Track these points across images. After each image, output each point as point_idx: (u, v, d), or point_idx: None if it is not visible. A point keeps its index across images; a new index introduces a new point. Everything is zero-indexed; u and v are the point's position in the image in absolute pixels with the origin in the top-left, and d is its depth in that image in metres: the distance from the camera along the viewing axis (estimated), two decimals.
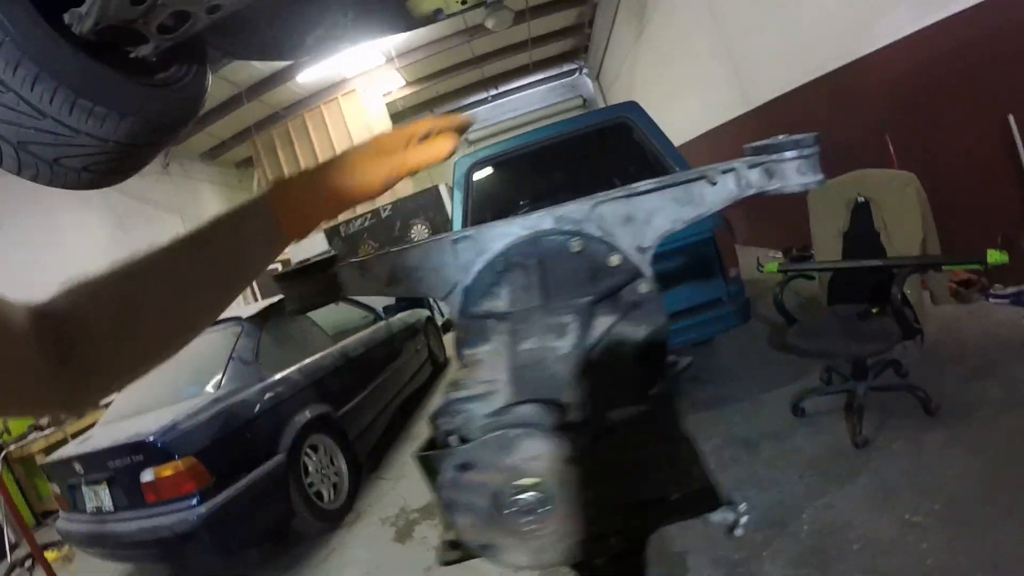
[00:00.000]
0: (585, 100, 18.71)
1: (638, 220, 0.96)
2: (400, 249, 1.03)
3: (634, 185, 0.97)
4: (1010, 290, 4.51)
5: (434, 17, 2.07)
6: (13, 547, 6.03)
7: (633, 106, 4.87)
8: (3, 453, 6.61)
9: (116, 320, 0.65)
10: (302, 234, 0.82)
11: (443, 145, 0.88)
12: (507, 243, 0.96)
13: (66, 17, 1.18)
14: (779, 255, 7.80)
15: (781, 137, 0.89)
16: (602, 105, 17.74)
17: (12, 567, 5.91)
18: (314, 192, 0.81)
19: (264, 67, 11.11)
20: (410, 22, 2.08)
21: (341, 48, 2.07)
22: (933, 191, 3.72)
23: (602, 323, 0.94)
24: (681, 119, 9.96)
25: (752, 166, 0.91)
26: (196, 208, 13.75)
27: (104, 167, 1.41)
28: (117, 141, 1.32)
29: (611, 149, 5.25)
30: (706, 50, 8.80)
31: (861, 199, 3.91)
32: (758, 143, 0.91)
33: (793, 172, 0.88)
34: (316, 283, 1.10)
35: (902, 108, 5.05)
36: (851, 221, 3.99)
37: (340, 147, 13.33)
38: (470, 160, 5.04)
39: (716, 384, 4.74)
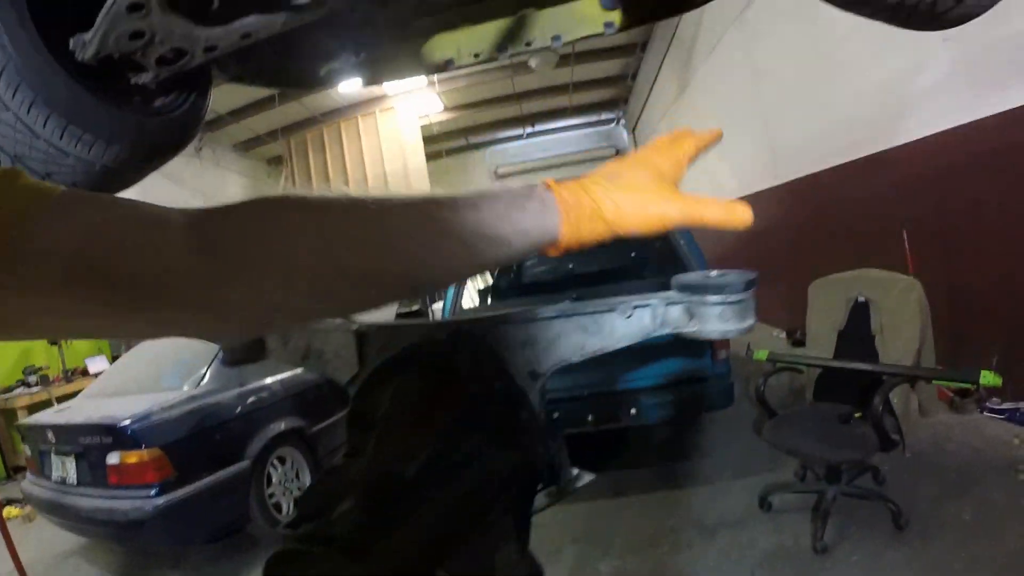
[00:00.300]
0: (617, 151, 18.64)
1: (538, 345, 0.93)
2: (312, 330, 1.09)
3: (540, 309, 0.95)
4: (1006, 405, 4.44)
5: (444, 67, 2.11)
6: None
7: None
8: None
9: (309, 257, 0.54)
10: (572, 245, 0.68)
11: (743, 213, 0.74)
12: (402, 345, 0.98)
13: (71, 42, 1.25)
14: (783, 335, 7.78)
15: (714, 274, 0.84)
16: None
17: None
18: (602, 209, 0.68)
19: None
20: (422, 68, 2.14)
21: (356, 81, 2.14)
22: (943, 295, 3.65)
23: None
24: (710, 184, 10.00)
25: (671, 303, 0.86)
26: (220, 195, 13.93)
27: (88, 185, 1.47)
28: (104, 165, 1.39)
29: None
30: (744, 117, 8.84)
31: (861, 299, 3.87)
32: (686, 278, 0.86)
33: (714, 318, 0.82)
34: (246, 343, 1.18)
35: (925, 206, 5.00)
36: (848, 319, 3.95)
37: (370, 160, 13.53)
38: None
39: (689, 461, 4.69)
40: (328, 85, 2.07)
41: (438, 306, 12.33)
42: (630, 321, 0.89)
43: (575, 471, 1.12)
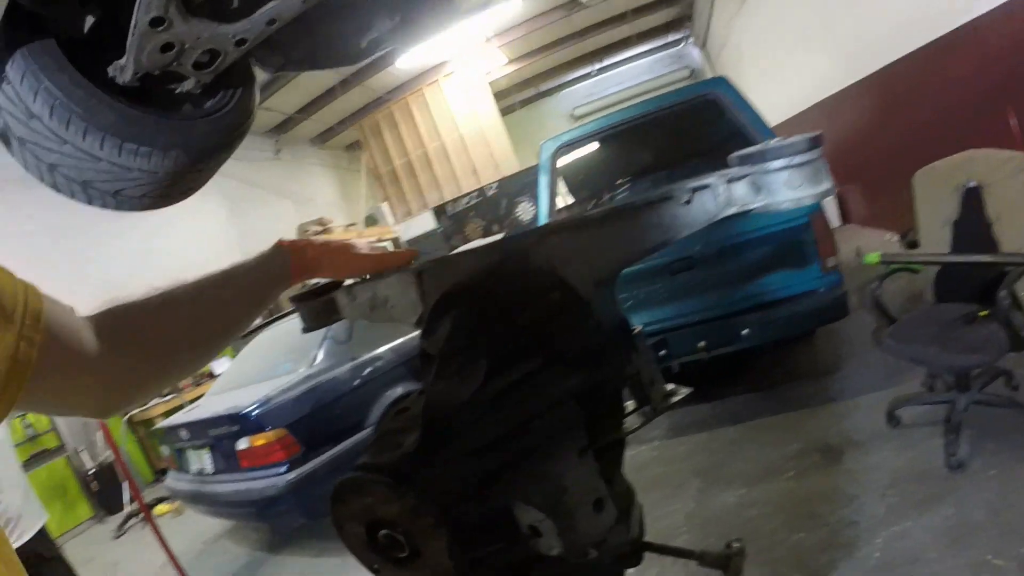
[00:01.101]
0: (693, 71, 18.11)
1: (594, 249, 0.87)
2: (378, 279, 1.17)
3: (587, 213, 0.92)
4: None
5: None
6: (131, 500, 6.85)
7: (721, 81, 4.68)
8: (127, 416, 7.37)
9: (151, 340, 0.81)
10: (300, 279, 1.13)
11: (401, 257, 1.23)
12: (461, 274, 1.02)
13: (109, 71, 1.38)
14: (895, 238, 7.37)
15: (773, 142, 0.77)
16: (710, 74, 17.14)
17: (128, 517, 6.88)
18: (320, 259, 1.15)
19: None
20: (457, 10, 2.14)
21: (400, 47, 2.19)
22: None
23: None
24: (786, 91, 9.54)
25: (732, 180, 0.79)
26: (306, 191, 14.47)
27: (160, 192, 1.61)
28: (167, 171, 1.52)
29: (701, 127, 5.08)
30: (811, 16, 8.31)
31: (972, 184, 3.48)
32: (745, 151, 0.80)
33: (782, 186, 0.75)
34: (318, 305, 1.29)
35: None
36: (961, 208, 3.55)
37: (444, 128, 13.63)
38: (554, 144, 4.93)
39: (807, 381, 4.44)
40: (373, 55, 2.08)
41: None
42: (690, 207, 0.83)
43: (670, 386, 1.07)
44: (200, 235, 10.89)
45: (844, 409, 3.89)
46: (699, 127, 5.13)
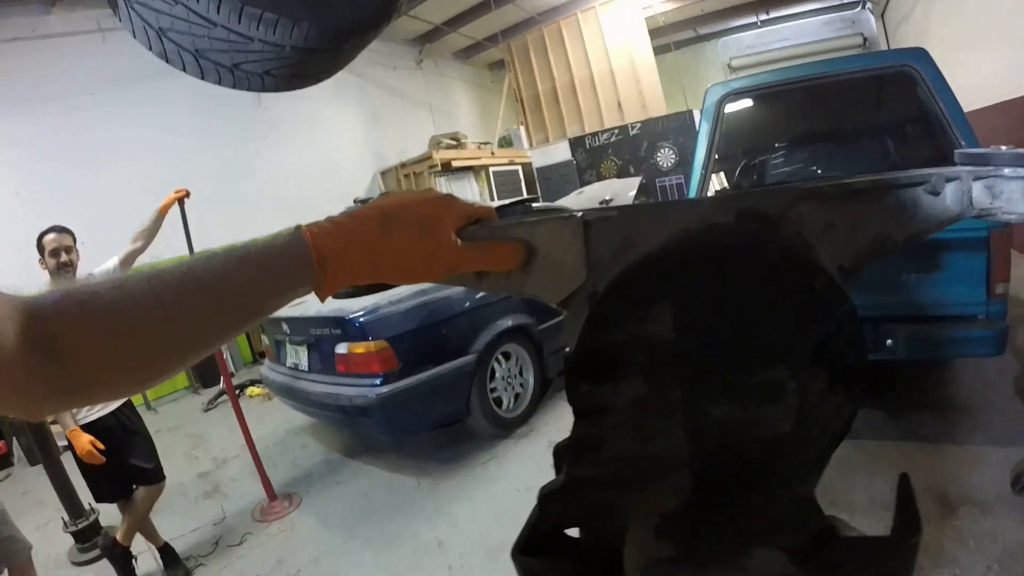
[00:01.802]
0: (866, 40, 16.36)
1: (838, 230, 0.71)
2: (505, 223, 0.73)
3: (841, 182, 0.73)
4: None
5: None
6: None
7: (921, 54, 4.09)
8: None
9: (104, 333, 0.60)
10: (329, 293, 0.69)
11: (509, 255, 0.71)
12: (668, 236, 0.68)
13: None
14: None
15: (1004, 148, 0.72)
16: (884, 48, 15.67)
17: (220, 393, 7.35)
18: (360, 256, 0.68)
19: None
20: None
21: None
22: None
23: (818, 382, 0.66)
24: (975, 81, 8.45)
25: (977, 178, 0.71)
26: (445, 104, 14.43)
27: (287, 71, 1.44)
28: (294, 46, 1.34)
29: (888, 102, 4.52)
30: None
31: None
32: (972, 150, 0.76)
33: (1019, 195, 0.70)
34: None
35: None
36: None
37: (595, 58, 13.16)
38: (723, 89, 4.55)
39: (934, 412, 3.97)
40: None
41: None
42: (936, 201, 0.72)
43: None
44: (340, 139, 11.11)
45: (968, 457, 3.42)
46: (885, 101, 4.55)
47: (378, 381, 3.95)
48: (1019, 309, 4.43)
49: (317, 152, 10.51)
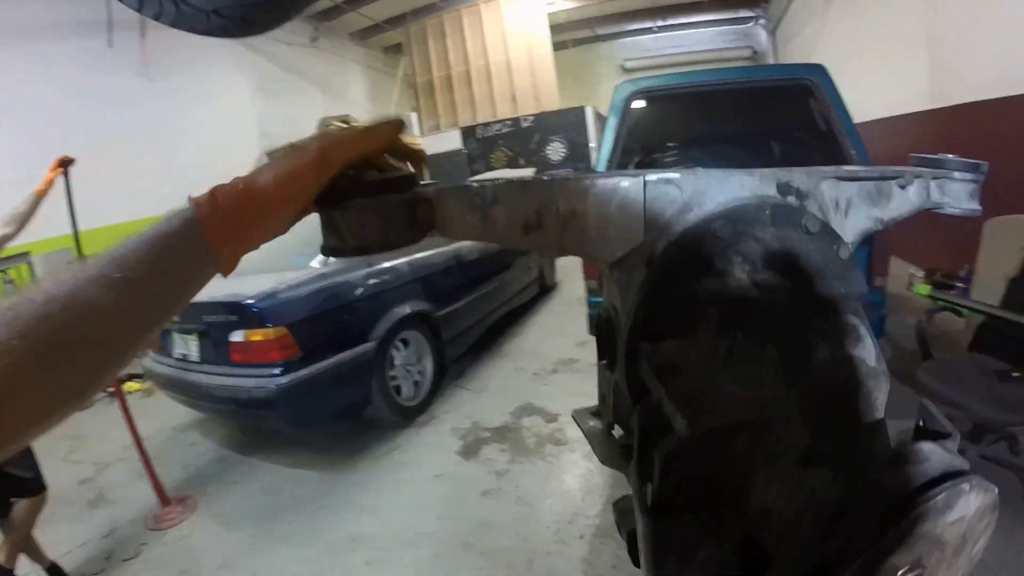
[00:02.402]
0: (755, 52, 17.40)
1: (840, 210, 0.80)
2: (556, 178, 0.70)
3: (842, 168, 0.80)
4: None
5: None
6: None
7: (819, 69, 4.36)
8: None
9: None
10: (234, 266, 0.63)
11: (388, 128, 0.71)
12: (728, 202, 0.70)
13: None
14: (920, 272, 7.01)
15: (950, 156, 0.88)
16: (771, 62, 16.55)
17: None
18: (255, 213, 0.63)
19: None
20: None
21: None
22: None
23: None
24: (857, 98, 9.00)
25: (935, 178, 0.87)
26: (338, 85, 13.94)
27: (236, 12, 1.31)
28: None
29: (786, 111, 4.75)
30: (907, 31, 7.78)
31: None
32: (926, 155, 0.89)
33: (964, 195, 0.88)
34: (391, 213, 0.71)
35: None
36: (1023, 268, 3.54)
37: (493, 49, 13.09)
38: (632, 87, 4.65)
39: None
40: None
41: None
42: (904, 193, 0.85)
43: None
44: (228, 109, 10.47)
45: None
46: (782, 110, 4.77)
47: (278, 371, 3.65)
48: (891, 302, 4.85)
49: (205, 127, 9.81)
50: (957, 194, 0.88)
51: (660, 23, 17.04)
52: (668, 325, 0.69)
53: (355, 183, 0.69)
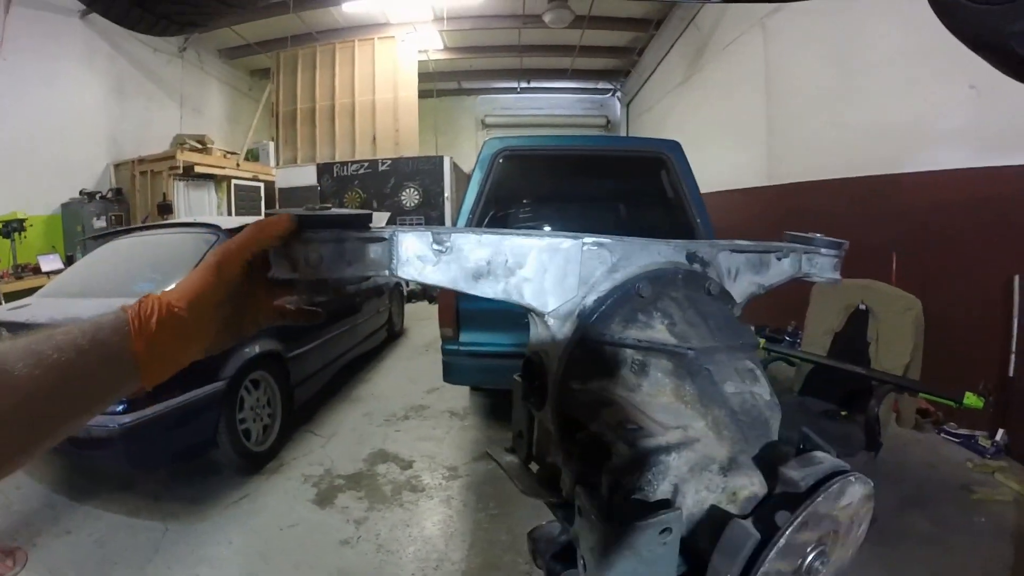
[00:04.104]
0: (609, 122, 18.58)
1: (731, 276, 0.94)
2: (501, 232, 0.78)
3: (734, 242, 0.94)
4: (962, 432, 4.66)
5: None
6: None
7: (675, 146, 4.78)
8: None
9: None
10: (157, 381, 0.63)
11: (279, 223, 0.69)
12: (647, 265, 0.84)
13: None
14: (750, 327, 7.81)
15: (818, 235, 1.02)
16: (624, 132, 17.71)
17: None
18: (186, 334, 0.65)
19: None
20: None
21: None
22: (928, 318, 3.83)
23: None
24: (701, 171, 9.92)
25: (806, 252, 1.01)
26: (197, 101, 13.31)
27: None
28: None
29: (641, 181, 5.14)
30: (747, 116, 8.86)
31: (862, 306, 4.00)
32: (798, 233, 1.03)
33: (829, 267, 1.02)
34: (349, 250, 0.74)
35: (916, 233, 5.16)
36: (846, 323, 4.08)
37: (360, 87, 13.13)
38: (500, 144, 4.81)
39: None
40: None
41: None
42: (780, 264, 0.98)
43: None
44: (79, 105, 9.70)
45: None
46: (637, 178, 5.18)
47: (120, 408, 3.40)
48: None
49: (51, 118, 8.95)
50: (823, 266, 1.01)
51: (524, 84, 17.82)
52: (596, 367, 0.78)
53: (325, 214, 0.74)
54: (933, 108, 5.06)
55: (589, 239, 0.81)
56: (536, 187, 5.64)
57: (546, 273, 0.80)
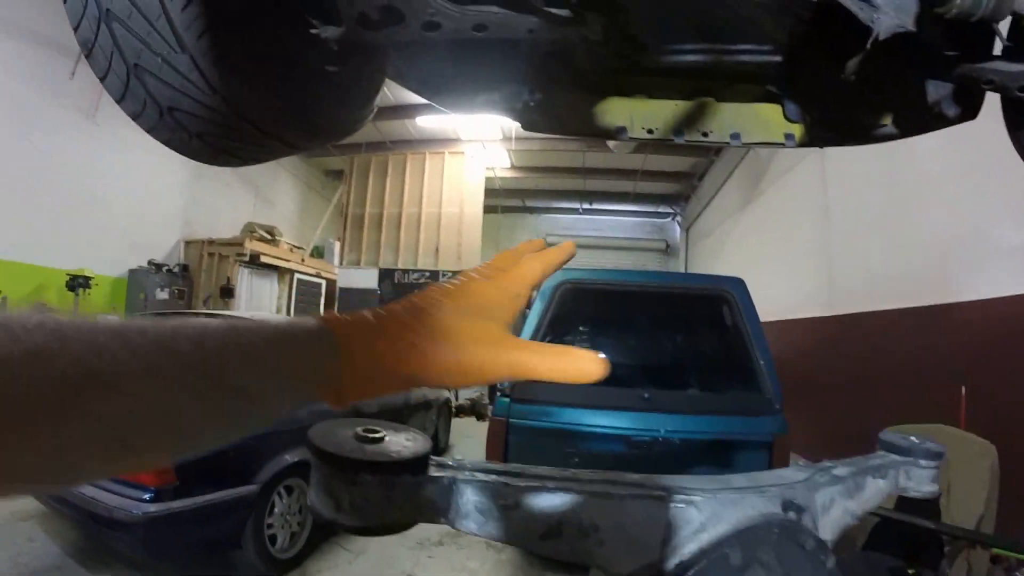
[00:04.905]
0: (668, 245, 18.74)
1: (825, 511, 0.84)
2: (578, 482, 0.71)
3: (834, 467, 0.87)
4: None
5: (614, 134, 1.90)
6: None
7: (739, 283, 4.69)
8: None
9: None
10: (353, 400, 0.54)
11: (591, 366, 0.56)
12: (738, 523, 0.73)
13: None
14: None
15: (914, 439, 0.93)
16: (682, 256, 17.77)
17: None
18: (402, 353, 0.54)
19: (395, 96, 11.31)
20: (588, 129, 1.94)
21: (503, 115, 1.93)
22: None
23: None
24: (759, 299, 9.78)
25: (903, 465, 0.91)
26: (270, 192, 13.92)
27: (219, 143, 1.35)
28: (256, 124, 1.21)
29: (704, 321, 5.04)
30: (806, 242, 8.79)
31: None
32: (893, 439, 0.94)
33: (927, 479, 0.91)
34: (398, 496, 0.65)
35: (986, 367, 4.79)
36: None
37: (428, 198, 13.52)
38: (563, 275, 4.74)
39: None
40: (478, 112, 1.88)
41: None
42: (877, 483, 0.88)
43: None
44: (156, 184, 10.19)
45: None
46: (698, 317, 5.09)
47: (148, 495, 3.32)
48: None
49: (133, 192, 9.48)
50: (920, 479, 0.91)
51: (586, 205, 18.19)
52: None
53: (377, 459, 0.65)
54: (991, 224, 4.87)
55: (678, 497, 0.72)
56: (596, 318, 5.56)
57: (625, 534, 0.69)
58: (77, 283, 7.96)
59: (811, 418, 8.20)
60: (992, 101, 1.41)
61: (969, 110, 1.48)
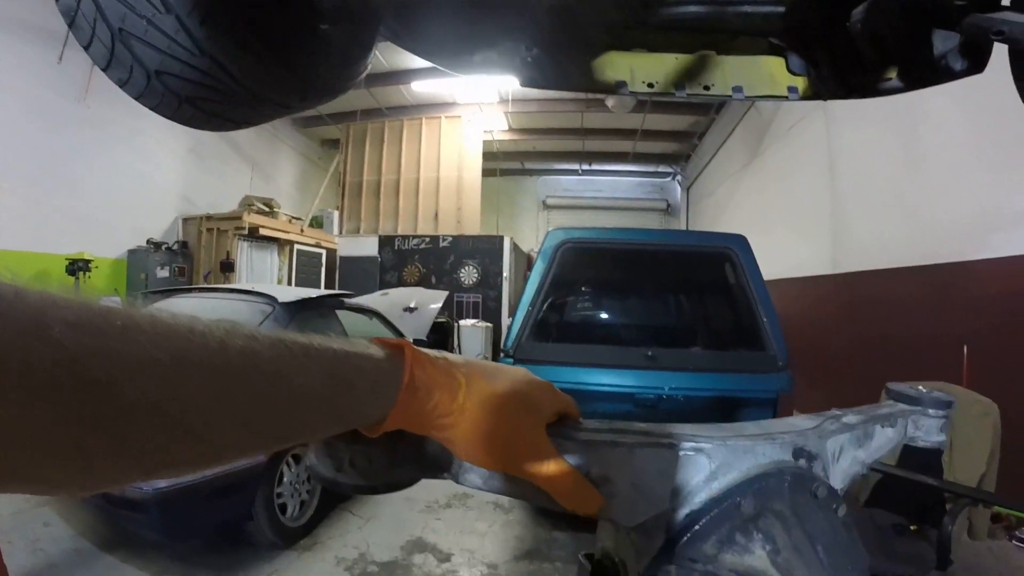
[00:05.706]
0: (669, 205, 18.63)
1: (835, 459, 0.83)
2: (584, 431, 0.69)
3: (844, 415, 0.86)
4: None
5: (614, 88, 1.86)
6: None
7: (740, 240, 4.66)
8: None
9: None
10: (389, 428, 0.56)
11: (588, 502, 0.64)
12: (749, 470, 0.72)
13: None
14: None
15: (921, 388, 0.92)
16: (683, 216, 17.70)
17: None
18: (446, 414, 0.57)
19: (389, 62, 11.16)
20: (588, 84, 1.89)
21: (500, 74, 1.90)
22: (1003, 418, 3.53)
23: None
24: (762, 258, 9.75)
25: (912, 415, 0.91)
26: (269, 166, 13.85)
27: (212, 107, 1.31)
28: (249, 88, 1.15)
29: (706, 276, 5.05)
30: (810, 201, 8.68)
31: None
32: (901, 388, 0.92)
33: (935, 429, 0.91)
34: (402, 452, 0.65)
35: (992, 328, 4.76)
36: None
37: (426, 164, 13.43)
38: (564, 235, 4.75)
39: None
40: (475, 72, 1.85)
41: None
42: (885, 432, 0.88)
43: None
44: (152, 164, 10.14)
45: None
46: (701, 274, 5.09)
47: None
48: None
49: (129, 173, 9.43)
50: (929, 428, 0.91)
51: (585, 167, 18.07)
52: None
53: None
54: (1006, 189, 4.78)
55: (687, 444, 0.71)
56: (598, 278, 5.56)
57: (635, 484, 0.69)
58: (77, 267, 7.99)
59: (814, 377, 8.26)
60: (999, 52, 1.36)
61: (976, 63, 1.44)
